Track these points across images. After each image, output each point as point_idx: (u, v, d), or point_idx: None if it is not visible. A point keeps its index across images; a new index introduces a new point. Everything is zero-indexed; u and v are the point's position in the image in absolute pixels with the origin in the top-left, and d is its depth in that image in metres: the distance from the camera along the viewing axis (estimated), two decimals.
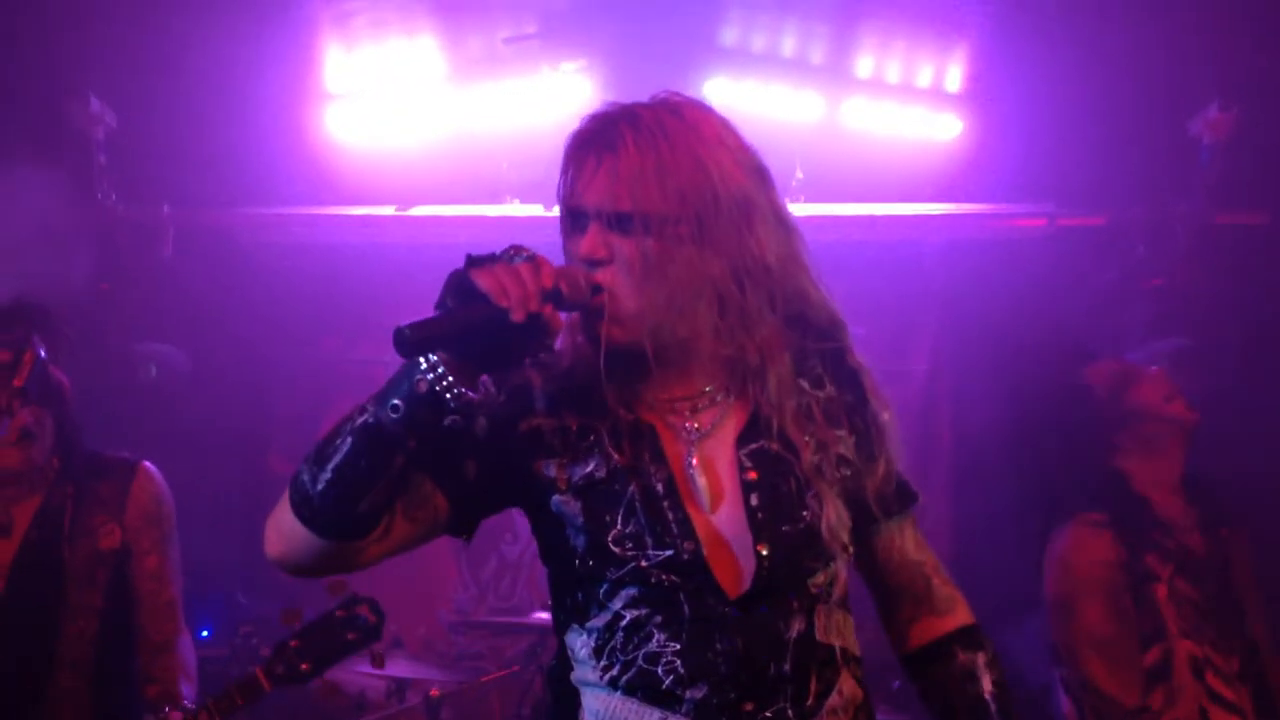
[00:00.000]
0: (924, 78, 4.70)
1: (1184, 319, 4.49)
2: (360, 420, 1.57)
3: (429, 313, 1.56)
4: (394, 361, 1.56)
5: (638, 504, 1.65)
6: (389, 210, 4.80)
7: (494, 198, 4.74)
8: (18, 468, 2.85)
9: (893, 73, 4.69)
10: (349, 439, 1.57)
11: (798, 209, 4.82)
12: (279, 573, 1.70)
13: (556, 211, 1.73)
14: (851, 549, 1.74)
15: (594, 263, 1.64)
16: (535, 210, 4.59)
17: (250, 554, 1.83)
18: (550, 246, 1.69)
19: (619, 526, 1.64)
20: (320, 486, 1.58)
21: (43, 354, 2.84)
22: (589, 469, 1.67)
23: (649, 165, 1.62)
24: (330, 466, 1.57)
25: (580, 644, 1.69)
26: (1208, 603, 2.97)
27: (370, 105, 4.70)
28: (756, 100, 4.61)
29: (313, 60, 4.55)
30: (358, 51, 4.56)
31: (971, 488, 4.84)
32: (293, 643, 2.80)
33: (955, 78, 4.68)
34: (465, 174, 4.76)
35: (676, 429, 1.70)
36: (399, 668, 4.05)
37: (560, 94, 4.58)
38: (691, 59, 4.53)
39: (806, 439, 1.70)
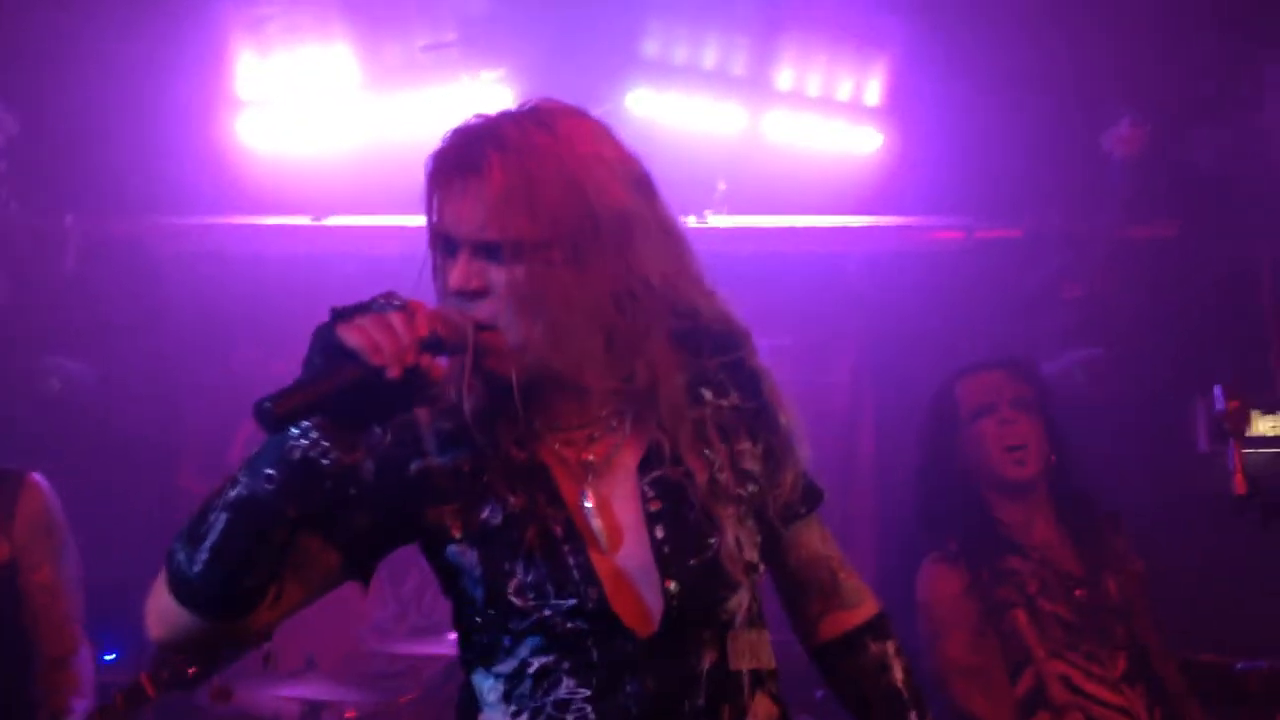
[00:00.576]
0: (844, 91, 4.71)
1: (1102, 329, 4.55)
2: (233, 494, 1.46)
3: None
4: None
5: (536, 552, 1.56)
6: (304, 220, 4.70)
7: (412, 208, 4.65)
8: None
9: (813, 86, 4.70)
10: (222, 515, 1.46)
11: (720, 220, 4.80)
12: None
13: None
14: (762, 567, 1.69)
15: (468, 294, 1.55)
16: None
17: None
18: None
19: (519, 576, 1.56)
20: (198, 568, 1.47)
21: None
22: (484, 515, 1.59)
23: (516, 189, 1.52)
24: (206, 545, 1.46)
25: (488, 688, 1.63)
26: (1081, 616, 2.94)
27: (284, 113, 4.59)
28: (679, 112, 4.59)
29: (224, 66, 4.44)
30: (271, 58, 4.46)
31: (894, 503, 4.85)
32: None
33: (874, 92, 4.70)
34: (383, 183, 4.65)
35: (572, 465, 1.63)
36: (313, 689, 3.95)
37: (480, 103, 4.50)
38: (613, 69, 4.50)
39: (707, 459, 1.64)
